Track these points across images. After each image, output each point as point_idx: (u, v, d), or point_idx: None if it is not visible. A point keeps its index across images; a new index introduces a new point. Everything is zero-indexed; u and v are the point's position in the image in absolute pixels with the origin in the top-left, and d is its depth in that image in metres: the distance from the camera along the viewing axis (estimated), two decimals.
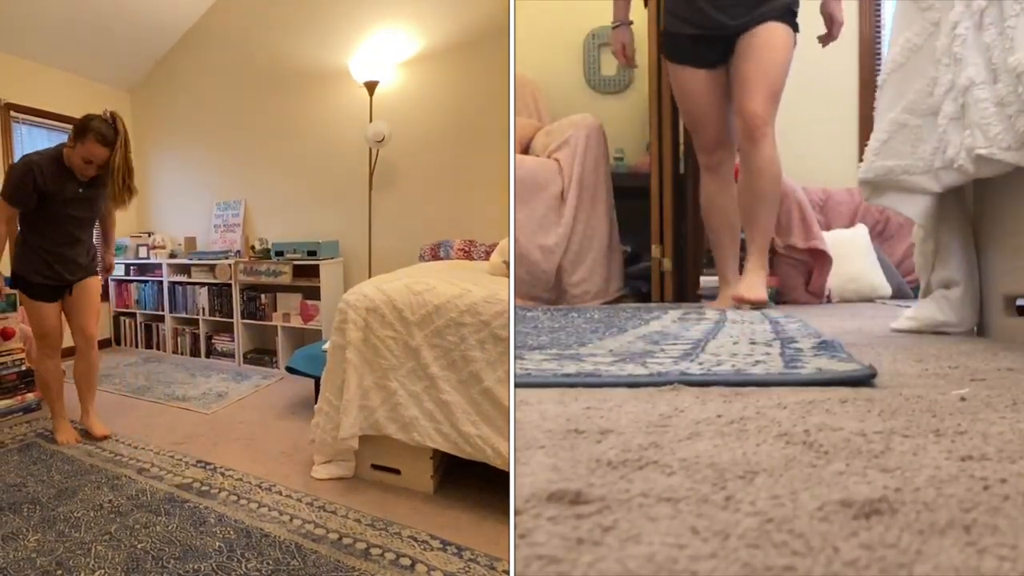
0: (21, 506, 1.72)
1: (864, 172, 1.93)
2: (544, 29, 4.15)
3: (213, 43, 4.27)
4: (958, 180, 1.70)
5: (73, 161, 2.13)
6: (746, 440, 0.72)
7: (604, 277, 3.43)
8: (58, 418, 2.33)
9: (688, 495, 0.54)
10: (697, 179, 3.01)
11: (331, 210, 3.92)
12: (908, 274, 3.68)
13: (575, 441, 0.72)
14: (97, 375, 2.45)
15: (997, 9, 1.46)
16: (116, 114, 2.14)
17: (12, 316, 2.65)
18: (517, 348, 1.51)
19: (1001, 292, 1.74)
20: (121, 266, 4.22)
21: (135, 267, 4.33)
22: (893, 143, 1.83)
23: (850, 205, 4.01)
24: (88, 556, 1.46)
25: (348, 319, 1.84)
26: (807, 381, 1.05)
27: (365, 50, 3.65)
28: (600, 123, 3.51)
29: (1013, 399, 0.92)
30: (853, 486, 0.56)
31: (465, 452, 1.71)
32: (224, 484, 1.90)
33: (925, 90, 1.74)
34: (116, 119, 2.13)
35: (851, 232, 3.78)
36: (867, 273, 3.60)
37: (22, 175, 2.12)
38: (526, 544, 0.45)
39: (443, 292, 1.77)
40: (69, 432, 2.31)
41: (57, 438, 2.29)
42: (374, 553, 1.51)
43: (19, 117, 3.87)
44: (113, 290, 4.41)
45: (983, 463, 0.62)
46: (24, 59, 3.85)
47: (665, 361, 1.24)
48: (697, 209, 3.07)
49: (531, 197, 3.35)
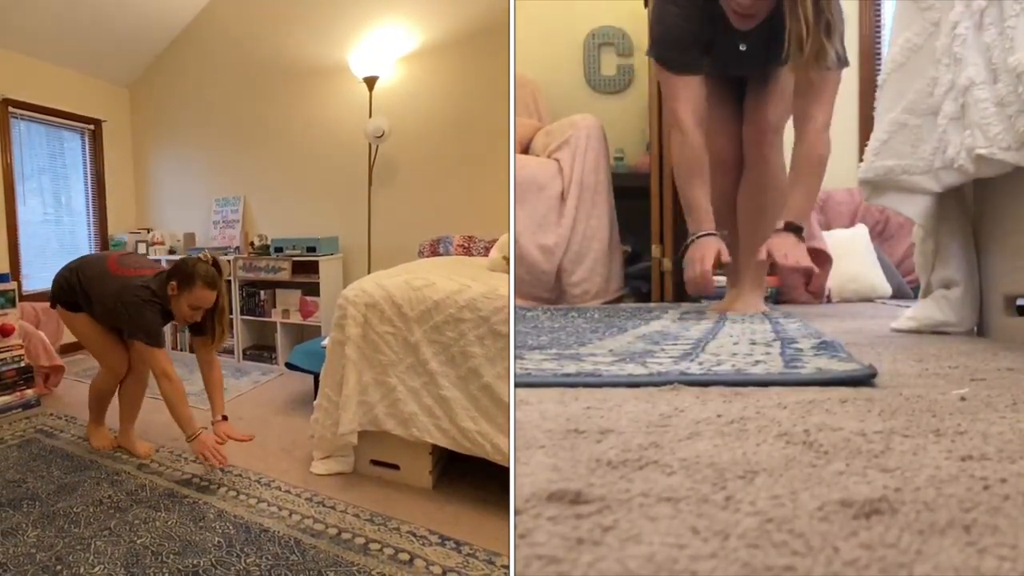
0: (21, 502, 1.72)
1: (864, 172, 1.93)
2: (544, 29, 4.14)
3: (212, 38, 4.27)
4: (958, 180, 1.70)
5: (180, 308, 2.01)
6: (746, 440, 0.72)
7: (604, 277, 3.43)
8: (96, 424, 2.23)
9: (688, 495, 0.54)
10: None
11: (330, 206, 3.92)
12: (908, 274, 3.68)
13: (575, 441, 0.73)
14: (142, 398, 2.25)
15: (997, 9, 1.46)
16: (217, 257, 2.08)
17: (11, 312, 2.65)
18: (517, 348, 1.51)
19: (1001, 292, 1.74)
20: None
21: None
22: (893, 143, 1.83)
23: (850, 205, 4.01)
24: (88, 551, 1.46)
25: (347, 315, 1.84)
26: (807, 381, 1.05)
27: (365, 45, 3.65)
28: (600, 123, 3.51)
29: (1013, 399, 0.92)
30: (853, 486, 0.56)
31: (464, 448, 1.71)
32: (223, 480, 1.90)
33: (925, 90, 1.74)
34: (216, 262, 2.06)
35: (851, 232, 3.77)
36: (867, 273, 3.60)
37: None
38: (526, 544, 0.45)
39: (442, 288, 1.77)
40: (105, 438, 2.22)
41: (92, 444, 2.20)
42: (373, 548, 1.51)
43: (17, 113, 3.87)
44: None
45: (983, 463, 0.62)
46: (22, 55, 3.84)
47: (665, 361, 1.24)
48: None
49: (531, 197, 3.34)
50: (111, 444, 2.19)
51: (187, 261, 2.04)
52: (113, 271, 2.08)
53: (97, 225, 4.46)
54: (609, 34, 4.19)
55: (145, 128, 4.66)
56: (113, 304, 2.02)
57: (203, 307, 2.03)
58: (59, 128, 4.22)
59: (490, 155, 3.34)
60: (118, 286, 2.03)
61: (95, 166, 4.43)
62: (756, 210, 2.49)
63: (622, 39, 4.18)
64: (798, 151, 2.24)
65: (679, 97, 2.28)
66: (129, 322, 2.01)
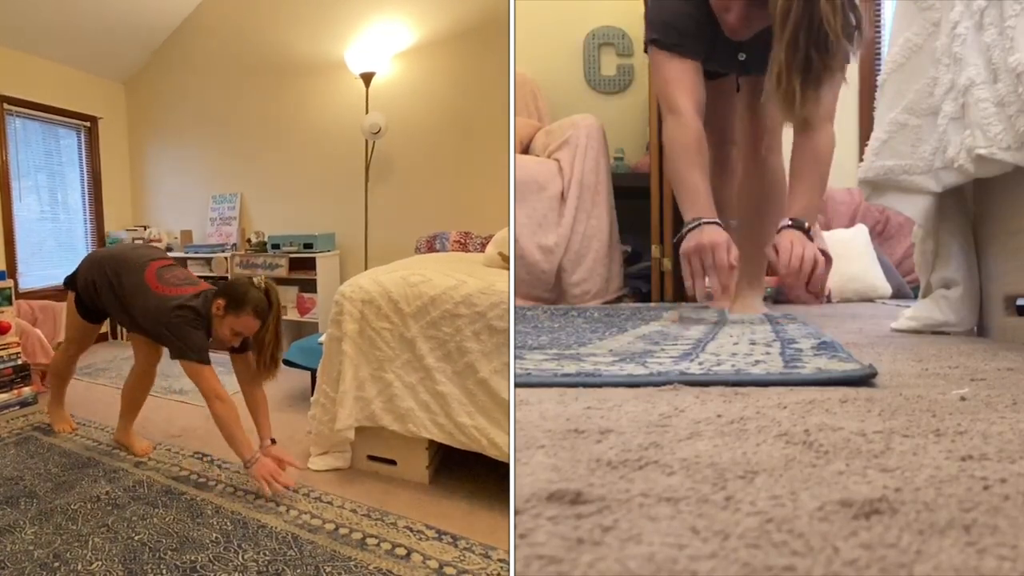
0: (18, 499, 1.72)
1: (864, 172, 1.93)
2: (544, 28, 4.14)
3: (208, 35, 4.26)
4: (958, 180, 1.70)
5: (222, 330, 1.89)
6: (746, 440, 0.72)
7: (604, 277, 3.43)
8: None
9: (688, 495, 0.54)
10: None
11: (327, 203, 3.92)
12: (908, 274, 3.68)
13: (575, 441, 0.72)
14: (145, 398, 2.21)
15: (997, 9, 1.46)
16: (270, 284, 1.92)
17: (8, 310, 2.65)
18: (517, 348, 1.51)
19: (1001, 292, 1.74)
20: None
21: None
22: (893, 143, 1.83)
23: (850, 205, 4.01)
24: (85, 548, 1.46)
25: (344, 311, 1.84)
26: (807, 381, 1.05)
27: (361, 41, 3.64)
28: (600, 123, 3.50)
29: (1013, 399, 0.92)
30: (853, 486, 0.56)
31: (460, 443, 1.72)
32: (221, 476, 1.90)
33: (925, 90, 1.74)
34: (270, 291, 1.90)
35: (851, 232, 3.78)
36: (867, 273, 3.60)
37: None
38: (526, 544, 0.45)
39: (439, 284, 1.78)
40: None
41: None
42: (370, 543, 1.51)
43: (12, 110, 3.85)
44: None
45: (983, 463, 0.62)
46: (17, 51, 3.82)
47: (665, 361, 1.24)
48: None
49: (531, 197, 3.34)
50: (70, 425, 2.31)
51: (239, 284, 1.90)
52: (153, 287, 1.95)
53: (94, 223, 4.45)
54: (609, 34, 4.19)
55: (141, 125, 4.65)
56: (154, 325, 1.92)
57: (245, 334, 1.92)
58: (55, 125, 4.21)
59: (486, 152, 3.34)
60: (159, 306, 1.90)
61: (91, 163, 4.42)
62: (753, 210, 2.40)
63: (622, 39, 4.18)
64: (800, 145, 2.03)
65: (676, 82, 2.03)
66: (175, 343, 1.87)
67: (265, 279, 1.92)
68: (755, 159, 2.40)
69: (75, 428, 2.33)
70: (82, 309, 2.15)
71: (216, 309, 1.86)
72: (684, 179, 2.00)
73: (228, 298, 1.86)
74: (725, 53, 2.14)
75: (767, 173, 2.39)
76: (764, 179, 2.39)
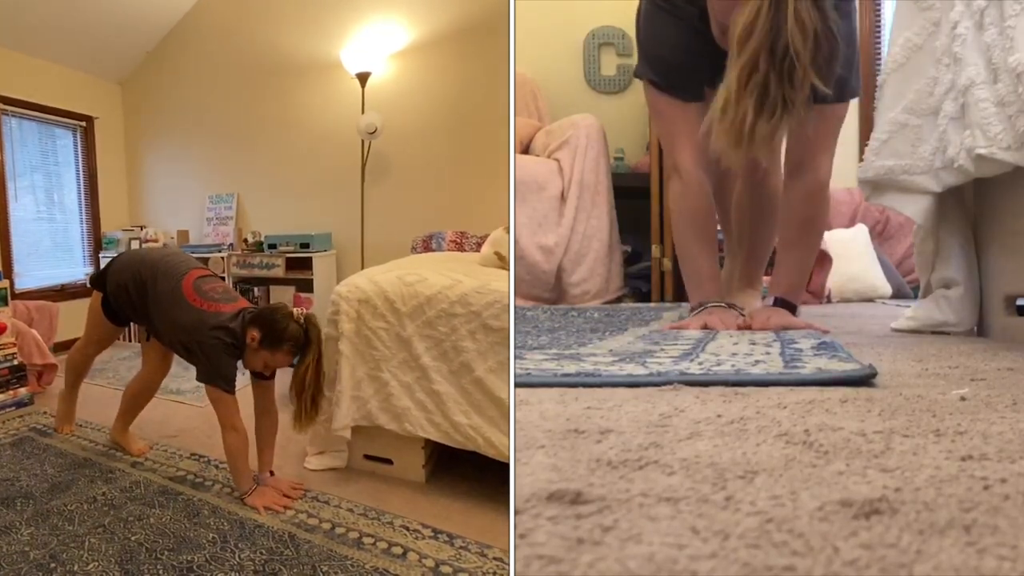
0: (14, 500, 1.71)
1: (864, 172, 1.93)
2: (544, 28, 4.14)
3: (204, 35, 4.26)
4: (958, 180, 1.70)
5: (254, 361, 1.79)
6: (746, 440, 0.71)
7: (604, 277, 3.43)
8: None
9: (688, 495, 0.54)
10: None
11: (324, 202, 3.92)
12: (908, 274, 3.69)
13: (575, 441, 0.72)
14: (147, 403, 2.17)
15: (997, 9, 1.46)
16: (312, 318, 1.77)
17: (4, 311, 2.64)
18: (517, 348, 1.51)
19: (1001, 292, 1.74)
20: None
21: None
22: (893, 143, 1.83)
23: (850, 205, 4.02)
24: (82, 549, 1.45)
25: (340, 311, 1.84)
26: (807, 381, 1.05)
27: (357, 41, 3.64)
28: (600, 123, 3.51)
29: (1013, 399, 0.92)
30: (853, 486, 0.56)
31: (456, 442, 1.72)
32: (218, 476, 1.90)
33: (925, 90, 1.74)
34: (311, 327, 1.74)
35: (851, 232, 3.78)
36: (867, 273, 3.60)
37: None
38: (526, 544, 0.45)
39: (434, 283, 1.78)
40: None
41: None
42: (366, 542, 1.51)
43: (8, 110, 3.85)
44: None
45: (983, 463, 0.62)
46: (13, 51, 3.81)
47: (665, 361, 1.24)
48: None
49: (531, 197, 3.34)
50: (71, 428, 2.29)
51: (279, 317, 1.74)
52: (190, 299, 1.83)
53: (90, 223, 4.44)
54: (609, 34, 4.19)
55: (138, 125, 4.64)
56: (187, 340, 1.82)
57: (275, 368, 1.82)
58: (51, 125, 4.20)
59: (483, 151, 3.34)
60: (194, 321, 1.79)
61: (88, 163, 4.41)
62: (747, 224, 2.35)
63: (622, 39, 4.18)
64: (789, 209, 1.91)
65: (677, 133, 1.92)
66: (206, 365, 1.77)
67: (306, 313, 1.78)
68: (752, 180, 2.34)
69: (73, 431, 2.32)
70: (108, 311, 2.08)
71: (251, 340, 1.74)
72: (689, 257, 1.97)
73: (264, 331, 1.73)
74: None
75: (762, 197, 2.31)
76: (759, 202, 2.33)
